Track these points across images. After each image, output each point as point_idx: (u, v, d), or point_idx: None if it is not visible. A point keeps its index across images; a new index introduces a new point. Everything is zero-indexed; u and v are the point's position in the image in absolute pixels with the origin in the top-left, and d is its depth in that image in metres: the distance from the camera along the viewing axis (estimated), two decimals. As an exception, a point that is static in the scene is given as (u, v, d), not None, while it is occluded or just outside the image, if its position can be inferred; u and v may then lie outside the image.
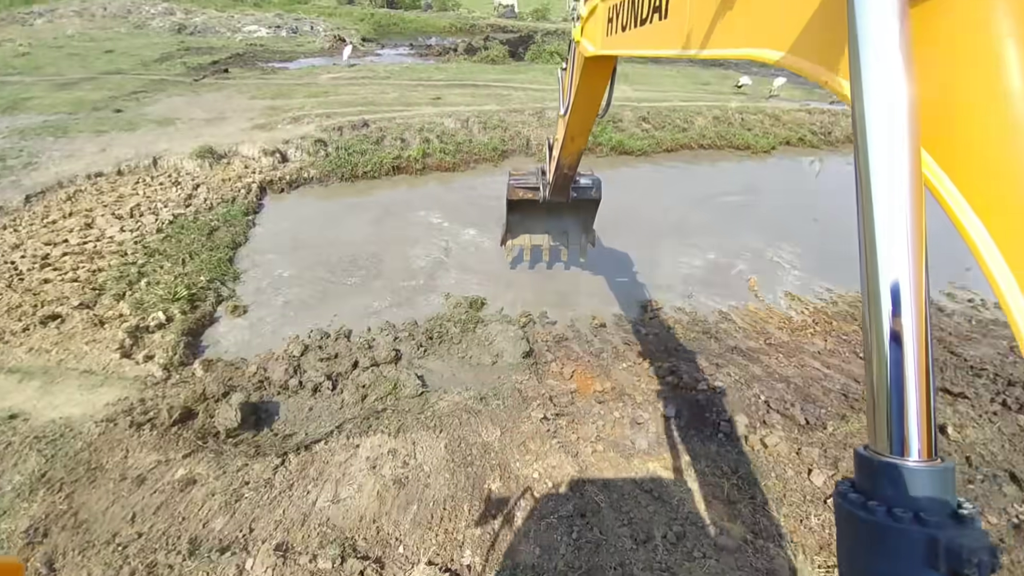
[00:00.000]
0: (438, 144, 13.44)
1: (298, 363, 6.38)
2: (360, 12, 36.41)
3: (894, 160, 0.92)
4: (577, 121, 5.59)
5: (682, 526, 4.21)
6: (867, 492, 0.92)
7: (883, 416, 0.92)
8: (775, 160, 15.93)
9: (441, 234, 10.06)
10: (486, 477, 4.59)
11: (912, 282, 0.90)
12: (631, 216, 11.14)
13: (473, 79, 19.82)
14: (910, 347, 0.89)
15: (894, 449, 0.91)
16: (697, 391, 5.97)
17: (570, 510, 4.28)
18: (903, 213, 0.91)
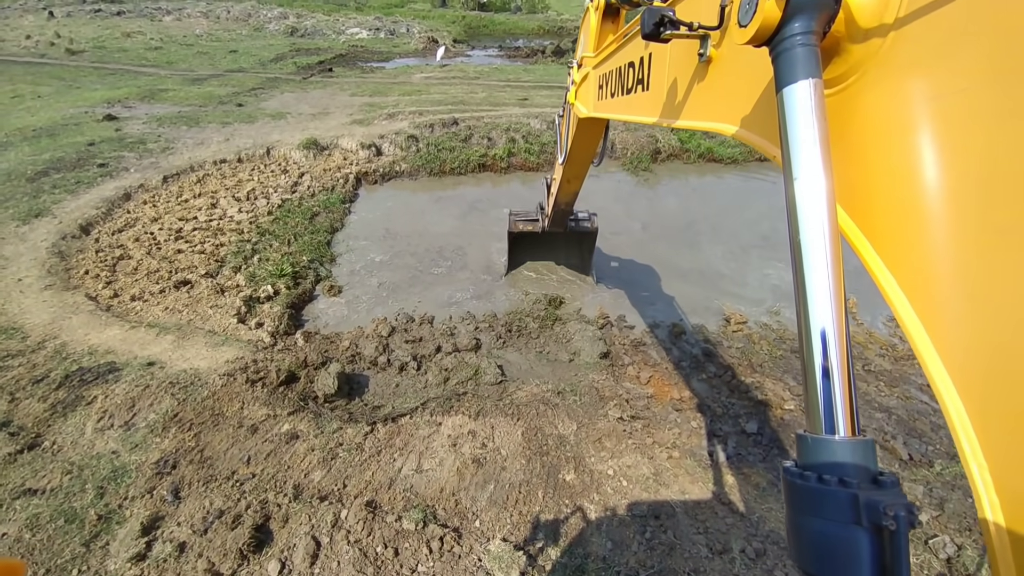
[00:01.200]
0: (523, 144, 13.70)
1: (386, 343, 6.82)
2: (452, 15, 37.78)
3: (816, 218, 1.16)
4: (572, 168, 6.18)
5: (762, 543, 4.08)
6: (804, 465, 1.10)
7: (815, 402, 1.11)
8: (883, 174, 14.69)
9: (522, 231, 10.26)
10: (560, 467, 4.69)
11: (832, 296, 1.12)
12: (715, 226, 10.78)
13: (560, 81, 19.95)
14: (833, 345, 1.10)
15: (826, 428, 1.08)
16: (783, 410, 5.71)
17: (644, 511, 4.28)
18: (823, 255, 1.15)
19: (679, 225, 10.73)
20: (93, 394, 5.44)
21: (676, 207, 11.70)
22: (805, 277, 1.15)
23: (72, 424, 5.09)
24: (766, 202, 12.25)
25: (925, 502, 4.62)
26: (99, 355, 6.04)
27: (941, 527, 4.34)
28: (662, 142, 14.37)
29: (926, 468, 5.05)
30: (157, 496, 4.31)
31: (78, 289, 7.50)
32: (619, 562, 3.83)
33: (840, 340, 1.11)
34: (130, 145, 12.66)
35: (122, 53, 23.11)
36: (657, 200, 12.04)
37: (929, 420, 5.84)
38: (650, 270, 9.04)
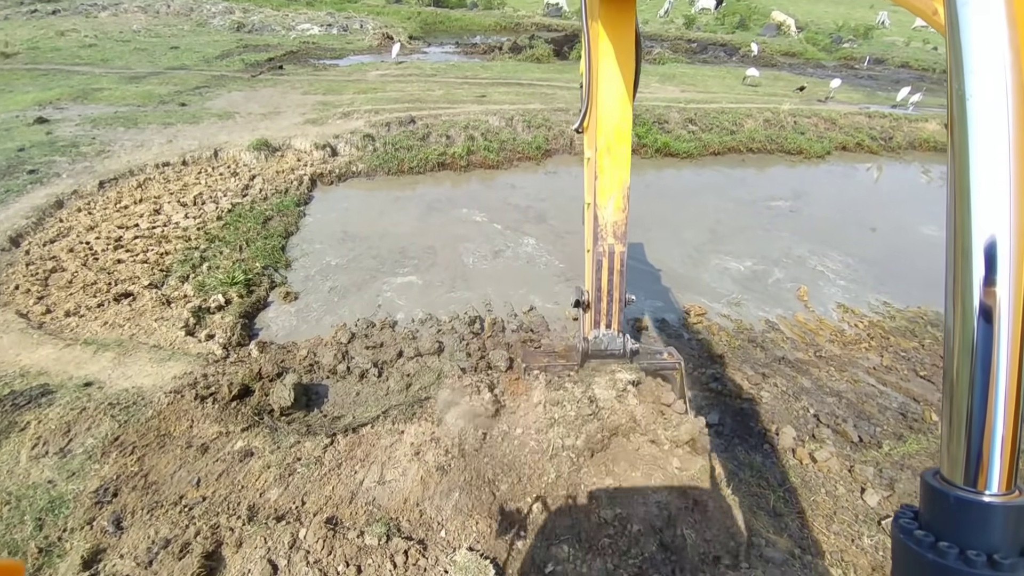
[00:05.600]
0: (482, 142, 13.58)
1: (346, 349, 6.61)
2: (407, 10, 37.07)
3: (995, 166, 0.77)
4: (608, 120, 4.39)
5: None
6: (935, 527, 0.83)
7: (961, 441, 0.82)
8: (829, 166, 15.33)
9: (482, 233, 10.18)
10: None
11: (1009, 294, 0.78)
12: (672, 220, 10.98)
13: (518, 77, 19.91)
14: (1001, 366, 0.78)
15: (969, 479, 0.81)
16: (742, 399, 5.86)
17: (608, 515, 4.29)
18: (1003, 200, 0.78)
19: (636, 221, 10.85)
20: (26, 419, 5.05)
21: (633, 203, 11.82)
22: (971, 261, 0.81)
23: (6, 452, 4.71)
24: (721, 196, 12.57)
25: (876, 482, 4.82)
26: (31, 377, 5.61)
27: (892, 507, 4.54)
28: (620, 138, 14.51)
29: (875, 449, 5.28)
30: (98, 527, 4.02)
31: (7, 306, 6.95)
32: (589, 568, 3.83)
33: (1015, 357, 0.79)
34: (62, 149, 11.83)
35: (55, 52, 21.58)
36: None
37: (876, 402, 6.12)
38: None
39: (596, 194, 4.71)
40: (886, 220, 11.68)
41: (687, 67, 24.45)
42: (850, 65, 27.62)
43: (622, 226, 4.81)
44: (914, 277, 9.41)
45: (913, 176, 15.46)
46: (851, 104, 19.38)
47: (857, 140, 16.50)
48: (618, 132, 4.50)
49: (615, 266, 4.80)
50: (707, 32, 35.73)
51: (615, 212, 4.78)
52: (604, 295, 4.85)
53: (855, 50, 30.34)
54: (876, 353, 7.36)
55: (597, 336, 5.01)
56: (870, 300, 8.70)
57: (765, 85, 21.26)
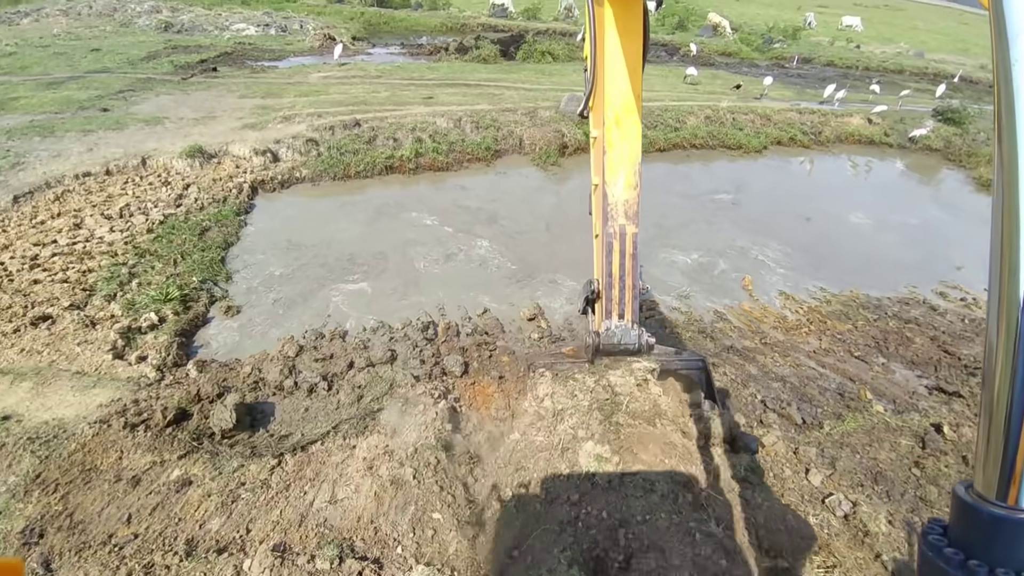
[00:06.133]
0: (431, 143, 13.39)
1: (293, 364, 6.34)
2: (350, 11, 36.16)
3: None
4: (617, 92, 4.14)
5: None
6: (965, 544, 0.78)
7: (998, 456, 0.77)
8: (766, 159, 16.06)
9: (433, 236, 10.02)
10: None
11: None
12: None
13: (465, 78, 19.78)
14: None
15: (1004, 494, 0.76)
16: (693, 389, 6.00)
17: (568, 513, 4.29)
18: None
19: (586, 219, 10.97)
20: (-67, 462, 4.54)
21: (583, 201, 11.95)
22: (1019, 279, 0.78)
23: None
24: (666, 190, 12.92)
25: (819, 462, 5.05)
26: (-67, 415, 5.06)
27: (835, 485, 4.76)
28: (568, 136, 14.67)
29: (817, 430, 5.53)
30: (29, 571, 3.67)
31: (-99, 338, 6.25)
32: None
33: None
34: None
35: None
36: (564, 195, 12.26)
37: (816, 384, 6.43)
38: (563, 266, 9.17)
39: (605, 171, 4.39)
40: (819, 210, 12.35)
41: (631, 66, 25.02)
42: (781, 64, 29.07)
43: (634, 205, 4.48)
44: (846, 263, 9.99)
45: (841, 167, 16.43)
46: (783, 101, 20.38)
47: (790, 135, 17.36)
48: (627, 104, 4.26)
49: (627, 249, 4.45)
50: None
51: (626, 190, 4.45)
52: (616, 281, 4.47)
53: (785, 50, 31.97)
54: (815, 337, 7.75)
55: (609, 329, 4.58)
56: (808, 287, 9.16)
57: (704, 83, 22.05)
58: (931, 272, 10.00)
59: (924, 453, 5.24)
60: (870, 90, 21.55)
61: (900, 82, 25.14)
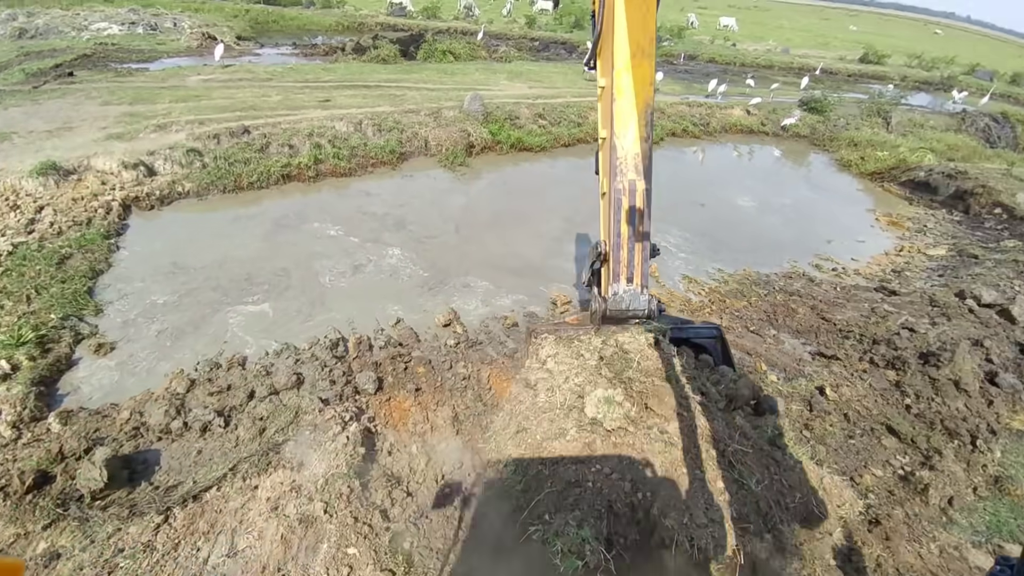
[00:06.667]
0: (331, 149, 12.71)
1: (183, 401, 5.69)
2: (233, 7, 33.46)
3: None
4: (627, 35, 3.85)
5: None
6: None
7: None
8: (663, 150, 16.99)
9: (339, 247, 9.51)
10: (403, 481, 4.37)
11: None
12: (531, 214, 11.29)
13: (364, 79, 19.01)
14: None
15: None
16: (608, 379, 6.14)
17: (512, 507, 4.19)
18: None
19: (496, 218, 10.98)
20: None
21: (492, 200, 11.96)
22: None
23: None
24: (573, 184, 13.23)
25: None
26: None
27: (737, 455, 5.05)
28: (474, 136, 14.57)
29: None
30: None
31: None
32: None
33: None
34: None
35: None
36: (473, 196, 12.17)
37: (719, 361, 6.84)
38: (475, 267, 9.06)
39: (613, 121, 4.08)
40: (712, 196, 13.26)
41: (532, 64, 25.44)
42: (669, 61, 30.96)
43: (645, 158, 4.18)
44: (738, 244, 10.79)
45: (728, 155, 17.79)
46: (674, 95, 21.70)
47: (683, 127, 18.52)
48: (640, 45, 3.96)
49: (637, 206, 4.16)
50: (548, 31, 37.55)
51: (636, 142, 4.16)
52: (625, 242, 4.21)
53: (672, 47, 34.12)
54: (717, 316, 8.27)
55: (617, 293, 4.30)
56: (708, 269, 9.77)
57: (603, 80, 22.92)
58: (807, 247, 11.09)
59: (812, 415, 5.74)
60: (746, 84, 23.56)
61: (771, 76, 27.72)
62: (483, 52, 26.53)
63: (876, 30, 65.72)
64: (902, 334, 7.28)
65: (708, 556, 3.41)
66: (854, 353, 7.05)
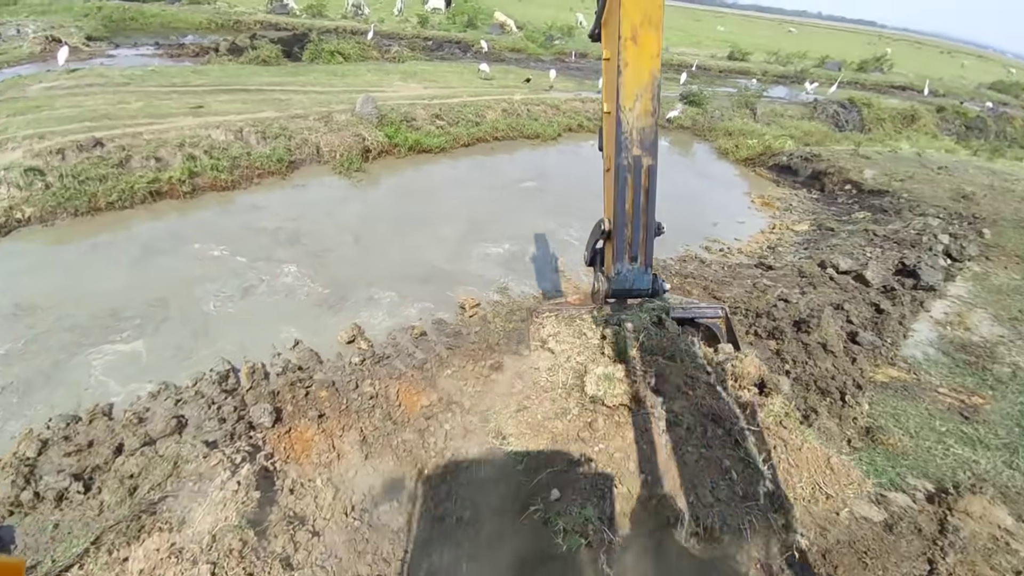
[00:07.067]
0: (208, 161, 11.57)
1: (32, 467, 4.85)
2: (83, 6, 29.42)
3: None
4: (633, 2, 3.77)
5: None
6: None
7: None
8: (562, 145, 17.48)
9: (225, 269, 8.68)
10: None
11: None
12: (433, 217, 11.07)
13: (243, 83, 17.55)
14: None
15: None
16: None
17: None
18: None
19: (398, 225, 10.63)
20: None
21: (392, 206, 11.56)
22: None
23: None
24: (474, 184, 13.18)
25: (632, 422, 5.54)
26: None
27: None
28: (370, 140, 14.01)
29: (628, 392, 6.09)
30: None
31: None
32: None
33: None
34: None
35: None
36: (372, 203, 11.70)
37: (624, 349, 7.11)
38: (378, 278, 8.69)
39: (619, 93, 3.96)
40: (609, 188, 13.82)
41: (427, 64, 25.02)
42: (562, 59, 31.99)
43: (651, 133, 4.09)
44: (635, 233, 11.33)
45: (623, 148, 18.66)
46: (568, 92, 22.40)
47: (578, 122, 19.16)
48: (647, 13, 3.86)
49: (642, 183, 4.10)
50: (441, 31, 37.17)
51: (642, 116, 4.07)
52: (629, 220, 4.13)
53: (564, 46, 35.23)
54: (619, 305, 8.60)
55: (620, 272, 4.26)
56: (609, 260, 10.15)
57: (498, 78, 23.08)
58: (697, 231, 11.92)
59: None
60: (634, 79, 24.88)
61: (655, 71, 29.53)
62: (375, 52, 25.64)
63: (740, 30, 72.58)
64: (779, 305, 8.04)
65: (715, 535, 3.38)
66: (740, 327, 7.65)
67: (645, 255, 4.29)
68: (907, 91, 37.44)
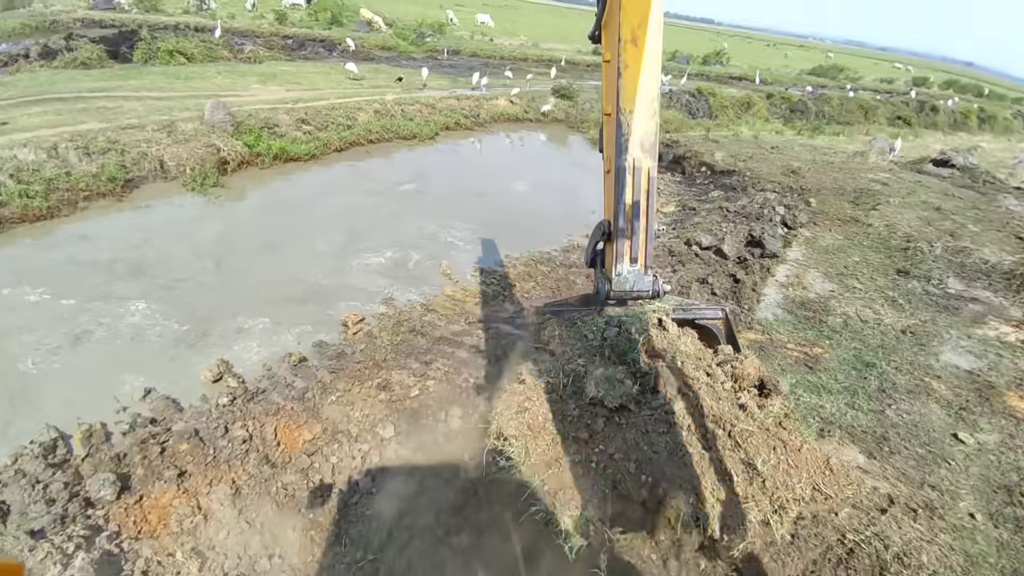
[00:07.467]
0: (14, 186, 9.64)
1: None
2: None
3: None
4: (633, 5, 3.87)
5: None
6: None
7: None
8: (440, 145, 17.22)
9: (47, 316, 7.30)
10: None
11: None
12: (306, 230, 10.29)
13: (58, 91, 14.91)
14: None
15: None
16: (411, 399, 5.89)
17: None
18: None
19: (266, 243, 9.72)
20: None
21: (258, 222, 10.56)
22: None
23: None
24: (351, 190, 12.49)
25: (527, 421, 5.56)
26: None
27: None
28: (227, 150, 12.65)
29: (521, 391, 6.11)
30: None
31: None
32: None
33: None
34: None
35: None
36: (234, 221, 10.60)
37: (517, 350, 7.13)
38: (246, 305, 7.86)
39: (619, 95, 3.97)
40: (490, 185, 13.90)
41: (288, 65, 23.28)
42: (434, 56, 31.61)
43: (651, 136, 4.14)
44: (519, 227, 11.50)
45: (502, 143, 18.93)
46: (442, 90, 22.15)
47: (455, 120, 19.02)
48: (648, 16, 3.91)
49: (642, 185, 4.17)
50: (303, 28, 34.82)
51: (643, 118, 4.14)
52: (630, 222, 4.22)
53: (436, 43, 34.81)
54: (510, 303, 8.65)
55: (621, 274, 4.37)
56: (496, 257, 10.16)
57: (368, 78, 22.16)
58: (578, 219, 12.38)
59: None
60: (505, 76, 25.32)
61: (525, 68, 30.29)
62: (225, 52, 23.27)
63: (603, 24, 77.12)
64: (654, 286, 8.59)
65: (715, 536, 3.41)
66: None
67: (645, 257, 4.46)
68: (743, 81, 42.38)
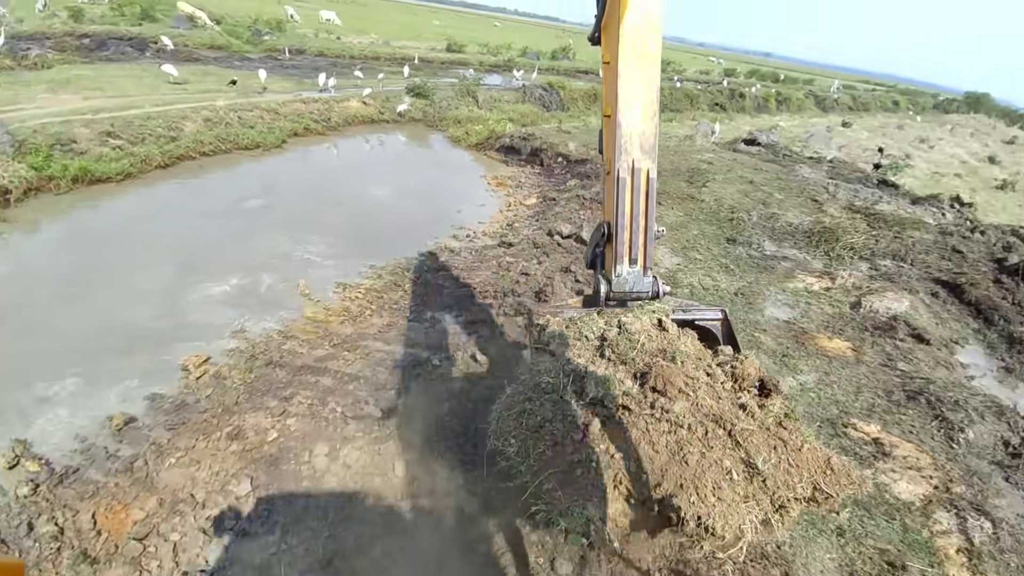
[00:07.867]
0: None
1: None
2: None
3: None
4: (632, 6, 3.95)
5: None
6: None
7: None
8: (288, 153, 15.88)
9: None
10: None
11: None
12: (128, 266, 8.79)
13: None
14: None
15: None
16: (269, 444, 5.28)
17: None
18: None
19: (71, 286, 8.11)
20: None
21: (58, 262, 8.76)
22: None
23: None
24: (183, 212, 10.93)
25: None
26: None
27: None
28: (6, 177, 10.31)
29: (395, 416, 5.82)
30: None
31: None
32: None
33: None
34: None
35: None
36: (22, 263, 8.70)
37: (386, 366, 6.78)
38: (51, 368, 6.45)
39: (618, 97, 4.17)
40: (347, 192, 13.14)
41: (85, 68, 19.70)
42: (274, 56, 29.03)
43: (651, 138, 4.29)
44: (382, 234, 11.00)
45: (359, 147, 18.02)
46: (286, 93, 20.42)
47: (304, 125, 17.67)
48: (647, 17, 4.06)
49: (641, 187, 4.30)
50: (107, 24, 29.79)
51: (642, 120, 4.25)
52: (628, 223, 4.34)
53: (275, 42, 31.99)
54: (378, 316, 8.20)
55: (621, 275, 4.45)
56: (359, 269, 9.58)
57: (194, 82, 19.65)
58: (443, 221, 12.21)
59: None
60: (355, 76, 24.13)
61: (377, 67, 29.21)
62: (8, 61, 19.13)
63: (455, 24, 77.06)
64: (520, 280, 8.76)
65: (715, 535, 3.49)
66: (492, 312, 8.10)
67: (645, 258, 4.61)
68: (588, 74, 45.33)
